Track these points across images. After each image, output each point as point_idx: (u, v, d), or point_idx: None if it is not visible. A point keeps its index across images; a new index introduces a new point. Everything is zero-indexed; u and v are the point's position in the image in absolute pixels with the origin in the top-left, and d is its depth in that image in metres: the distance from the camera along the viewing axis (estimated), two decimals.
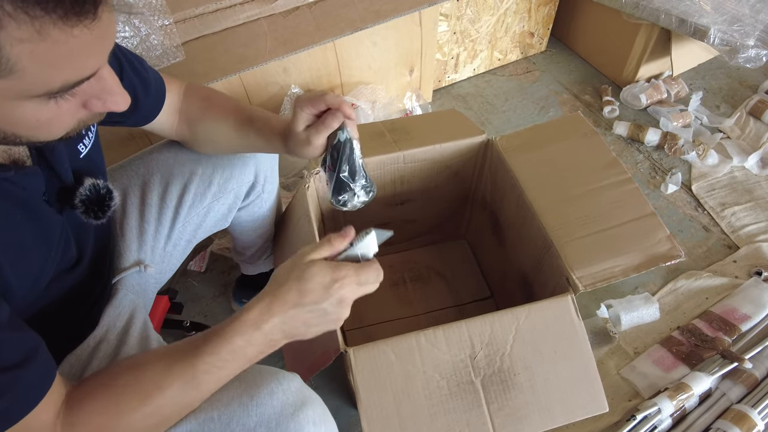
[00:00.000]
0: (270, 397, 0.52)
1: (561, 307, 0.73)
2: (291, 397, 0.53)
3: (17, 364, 0.42)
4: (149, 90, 0.65)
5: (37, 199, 0.50)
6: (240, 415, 0.51)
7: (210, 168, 0.77)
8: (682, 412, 0.96)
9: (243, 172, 0.81)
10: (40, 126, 0.40)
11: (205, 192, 0.77)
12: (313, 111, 0.63)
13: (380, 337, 0.70)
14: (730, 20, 1.33)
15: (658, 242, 0.78)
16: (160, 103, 0.68)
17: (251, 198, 0.86)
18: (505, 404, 0.69)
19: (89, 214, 0.55)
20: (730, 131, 1.52)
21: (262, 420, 0.51)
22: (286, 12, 1.11)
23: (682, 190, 1.39)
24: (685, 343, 1.07)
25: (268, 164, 0.85)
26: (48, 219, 0.52)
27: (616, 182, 0.86)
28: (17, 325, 0.45)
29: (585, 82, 1.73)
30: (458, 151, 0.99)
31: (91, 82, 0.40)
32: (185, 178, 0.76)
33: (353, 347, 0.68)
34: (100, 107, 0.42)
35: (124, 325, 0.67)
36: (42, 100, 0.38)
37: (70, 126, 0.43)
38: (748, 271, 1.20)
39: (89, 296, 0.66)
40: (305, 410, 0.52)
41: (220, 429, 0.51)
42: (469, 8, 1.49)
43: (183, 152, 0.77)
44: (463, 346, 0.71)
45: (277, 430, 0.51)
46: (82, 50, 0.36)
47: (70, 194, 0.55)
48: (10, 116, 0.38)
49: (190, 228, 0.79)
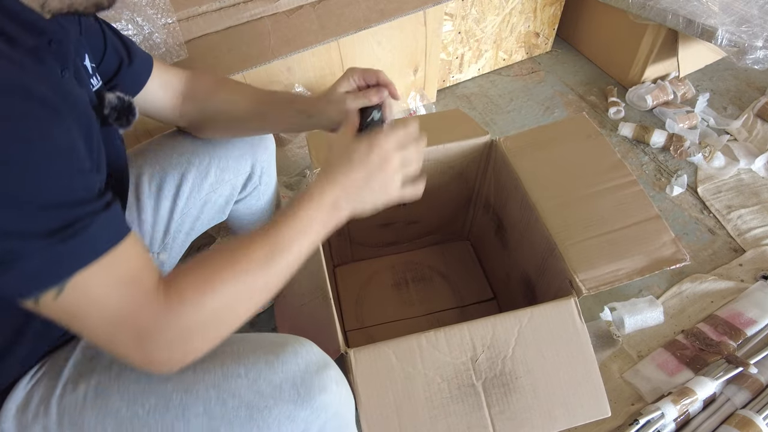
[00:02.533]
0: (295, 356, 0.54)
1: (564, 311, 0.73)
2: (314, 357, 0.55)
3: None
4: (134, 55, 0.67)
5: (79, 93, 0.51)
6: (266, 372, 0.53)
7: (207, 159, 0.78)
8: (686, 416, 0.95)
9: (239, 163, 0.81)
10: None
11: (202, 183, 0.78)
12: (361, 80, 0.66)
13: (382, 337, 0.69)
14: (738, 21, 1.32)
15: (663, 245, 0.77)
16: (145, 70, 0.69)
17: (248, 190, 0.87)
18: (506, 408, 0.69)
19: (121, 121, 0.59)
20: (737, 133, 1.51)
21: (287, 376, 0.53)
22: (290, 11, 1.11)
23: (687, 193, 1.38)
24: (690, 347, 1.06)
25: (265, 157, 0.86)
26: (92, 120, 0.52)
27: (620, 184, 0.85)
28: None
29: (590, 83, 1.71)
30: (462, 151, 0.98)
31: None
32: (182, 168, 0.76)
33: (353, 348, 0.68)
34: None
35: None
36: None
37: None
38: (754, 274, 1.19)
39: None
40: (328, 370, 0.55)
41: (247, 385, 0.52)
42: (474, 8, 1.48)
43: (179, 144, 0.78)
44: (464, 348, 0.70)
45: (302, 386, 0.53)
46: None
47: (100, 106, 0.57)
48: None
49: (188, 219, 0.79)
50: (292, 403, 0.52)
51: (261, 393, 0.52)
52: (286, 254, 0.51)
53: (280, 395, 0.52)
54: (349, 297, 1.16)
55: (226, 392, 0.52)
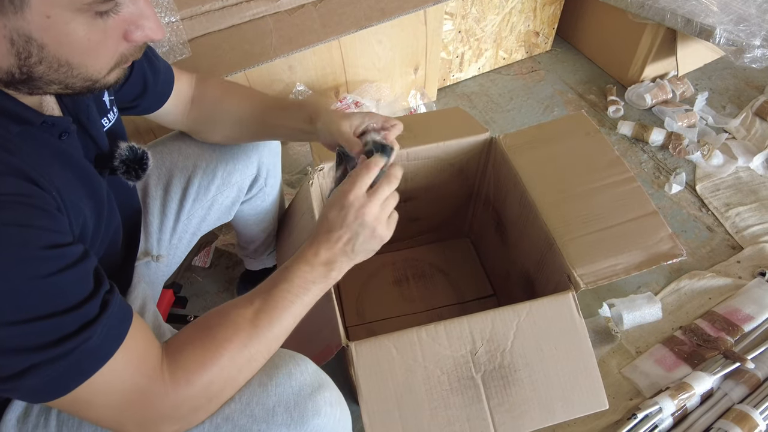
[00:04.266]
0: (288, 377, 0.53)
1: (562, 305, 0.74)
2: (309, 378, 0.54)
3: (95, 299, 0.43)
4: (158, 77, 0.67)
5: (79, 153, 0.52)
6: (260, 395, 0.52)
7: (213, 161, 0.78)
8: (683, 411, 0.96)
9: (246, 165, 0.82)
10: (90, 50, 0.41)
11: (209, 185, 0.78)
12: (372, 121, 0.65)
13: (383, 333, 0.70)
14: (737, 20, 1.33)
15: (660, 241, 0.78)
16: (168, 89, 0.70)
17: (254, 191, 0.87)
18: (505, 400, 0.70)
19: (130, 174, 0.59)
20: (736, 132, 1.52)
21: (281, 400, 0.52)
22: (292, 10, 1.12)
23: (686, 191, 1.39)
24: (688, 342, 1.07)
25: (271, 158, 0.86)
26: (93, 175, 0.53)
27: (618, 181, 0.86)
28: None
29: (590, 82, 1.72)
30: (462, 149, 0.99)
31: (129, 6, 0.42)
32: (189, 171, 0.77)
33: (355, 341, 0.69)
34: (139, 36, 0.44)
35: (139, 309, 0.68)
36: (91, 17, 0.40)
37: (113, 58, 0.44)
38: (752, 271, 1.19)
39: (118, 271, 0.68)
40: (322, 392, 0.54)
41: (241, 409, 0.52)
42: (474, 7, 1.49)
43: (185, 146, 0.78)
44: (464, 341, 0.71)
45: (296, 409, 0.52)
46: None
47: (109, 157, 0.58)
48: (65, 35, 0.39)
49: (194, 221, 0.80)
50: (285, 427, 0.51)
51: (254, 417, 0.51)
52: (285, 319, 0.53)
53: (273, 419, 0.51)
54: (350, 293, 1.17)
55: (220, 416, 0.51)
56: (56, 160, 0.47)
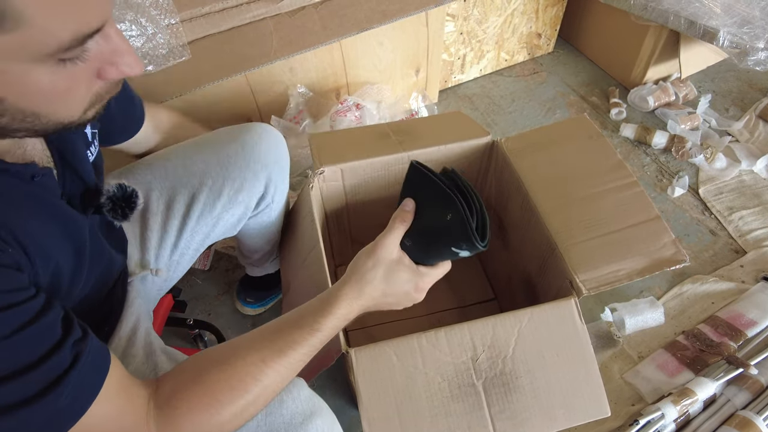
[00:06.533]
0: (280, 406, 0.52)
1: (564, 311, 0.73)
2: (300, 406, 0.53)
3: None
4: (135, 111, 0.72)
5: (53, 194, 0.50)
6: (249, 425, 0.51)
7: (220, 180, 0.75)
8: (686, 417, 0.95)
9: (254, 184, 0.78)
10: (57, 97, 0.38)
11: (214, 203, 0.75)
12: None
13: (383, 338, 0.69)
14: (740, 22, 1.32)
15: (663, 246, 0.78)
16: (141, 119, 0.74)
17: (261, 207, 0.85)
18: (506, 407, 0.69)
19: (116, 213, 0.56)
20: (739, 134, 1.51)
21: (271, 429, 0.51)
22: (292, 12, 1.11)
23: (689, 194, 1.38)
24: (690, 348, 1.06)
25: (280, 175, 0.83)
26: (71, 215, 0.51)
27: (621, 185, 0.86)
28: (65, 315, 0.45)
29: (592, 84, 1.72)
30: (463, 152, 0.98)
31: (100, 44, 0.38)
32: (194, 188, 0.74)
33: (355, 348, 0.68)
34: (114, 73, 0.40)
35: (132, 327, 0.67)
36: (55, 65, 0.36)
37: (86, 99, 0.41)
38: (755, 276, 1.19)
39: (110, 297, 0.66)
40: (314, 420, 0.53)
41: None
42: (476, 9, 1.49)
43: (191, 162, 0.75)
44: (464, 348, 0.70)
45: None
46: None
47: (96, 195, 0.55)
48: (26, 86, 0.36)
49: (198, 238, 0.77)
50: None
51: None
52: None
53: None
54: None
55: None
56: (26, 204, 0.45)
